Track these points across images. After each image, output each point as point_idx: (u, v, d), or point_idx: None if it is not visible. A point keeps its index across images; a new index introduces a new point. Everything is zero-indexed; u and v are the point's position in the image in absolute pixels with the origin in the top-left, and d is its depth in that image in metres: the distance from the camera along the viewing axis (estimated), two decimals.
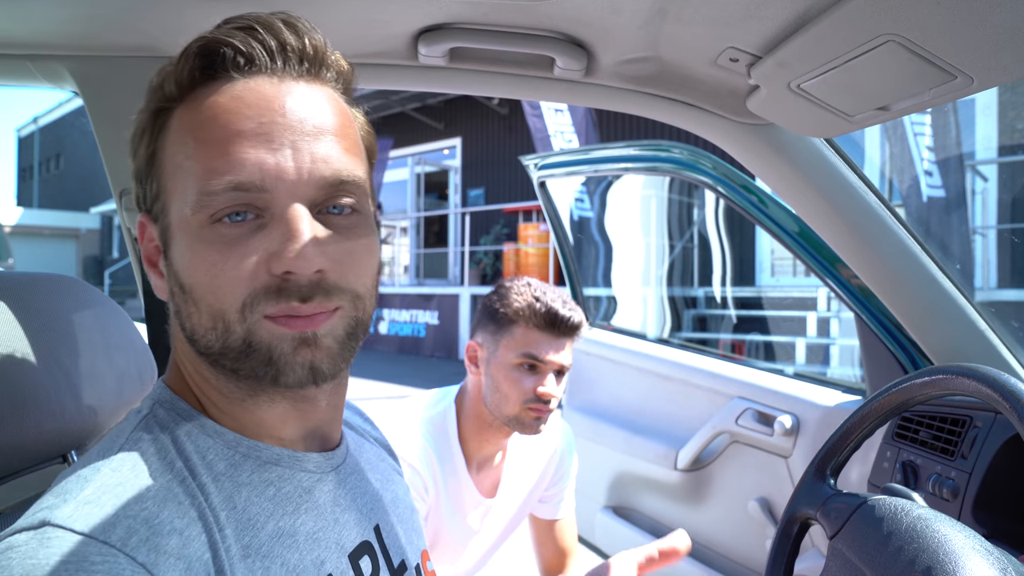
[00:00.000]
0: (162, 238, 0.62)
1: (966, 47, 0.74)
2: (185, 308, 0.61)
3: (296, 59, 0.62)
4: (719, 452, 2.00)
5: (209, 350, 0.61)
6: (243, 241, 0.57)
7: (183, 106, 0.61)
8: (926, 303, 1.34)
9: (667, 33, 0.97)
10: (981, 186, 7.56)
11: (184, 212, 0.58)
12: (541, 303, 1.53)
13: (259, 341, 0.58)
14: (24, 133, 35.29)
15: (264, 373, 0.59)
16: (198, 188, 0.57)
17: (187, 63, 0.60)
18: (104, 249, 27.73)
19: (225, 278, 0.57)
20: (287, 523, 0.62)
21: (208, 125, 0.58)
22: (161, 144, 0.61)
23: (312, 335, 0.59)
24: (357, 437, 0.84)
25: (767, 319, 8.51)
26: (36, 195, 33.59)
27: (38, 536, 0.51)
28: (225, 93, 0.59)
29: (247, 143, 0.57)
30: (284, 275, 0.57)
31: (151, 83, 0.63)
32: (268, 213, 0.58)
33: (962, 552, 0.77)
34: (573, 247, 2.71)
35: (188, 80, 0.60)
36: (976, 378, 0.84)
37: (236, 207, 0.57)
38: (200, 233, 0.58)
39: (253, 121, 0.58)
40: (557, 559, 1.82)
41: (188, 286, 0.59)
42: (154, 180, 0.62)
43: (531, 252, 11.76)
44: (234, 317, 0.58)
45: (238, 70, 0.60)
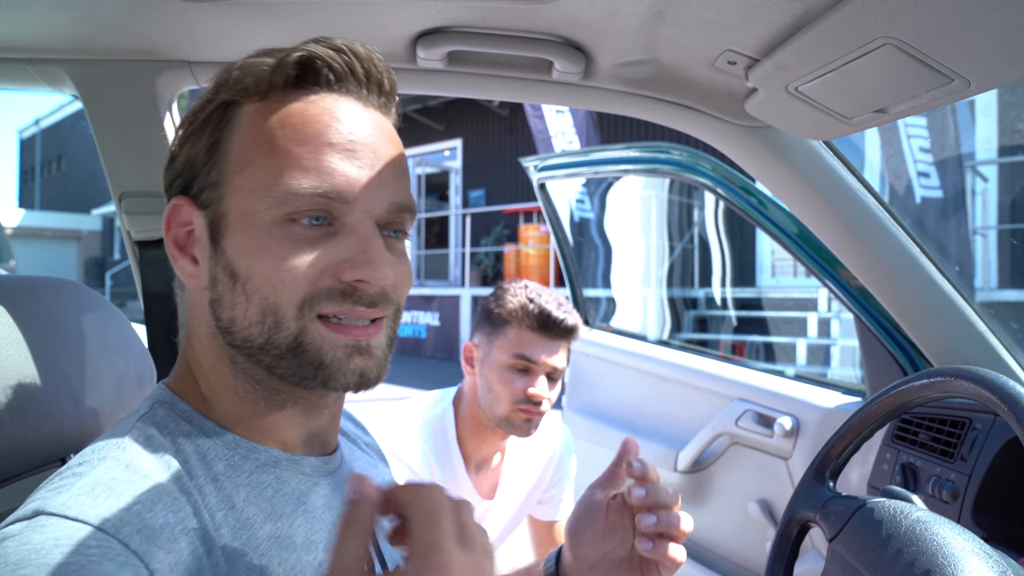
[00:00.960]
0: (212, 226, 0.63)
1: (963, 50, 0.74)
2: (230, 298, 0.62)
3: (376, 89, 0.66)
4: (719, 454, 2.00)
5: (248, 343, 0.62)
6: (316, 243, 0.61)
7: (261, 104, 0.63)
8: (925, 304, 1.34)
9: (665, 36, 0.97)
10: (981, 187, 7.56)
11: (255, 205, 0.61)
12: (535, 304, 1.53)
13: (310, 342, 0.61)
14: (26, 135, 35.33)
15: (313, 375, 0.62)
16: (282, 186, 0.60)
17: (283, 68, 0.62)
18: (105, 251, 27.74)
19: (291, 273, 0.60)
20: (284, 524, 0.63)
21: (298, 130, 0.61)
22: (227, 135, 0.63)
23: (366, 344, 0.63)
24: (349, 444, 0.85)
25: (767, 320, 8.50)
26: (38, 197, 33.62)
27: (32, 524, 0.51)
28: (316, 104, 0.62)
29: (336, 155, 0.61)
30: (355, 283, 0.61)
31: (224, 76, 0.65)
32: (339, 223, 0.62)
33: (961, 555, 0.77)
34: (573, 248, 2.71)
35: (281, 83, 0.63)
36: (974, 380, 0.85)
37: (316, 211, 0.60)
38: (270, 228, 0.60)
39: (343, 136, 0.62)
40: None
41: (244, 276, 0.61)
42: (213, 169, 0.63)
43: (532, 253, 11.76)
44: (290, 313, 0.61)
45: (327, 86, 0.64)
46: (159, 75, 1.17)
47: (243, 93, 0.64)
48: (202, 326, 0.65)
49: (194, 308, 0.67)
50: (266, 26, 1.03)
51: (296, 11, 0.98)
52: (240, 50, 1.12)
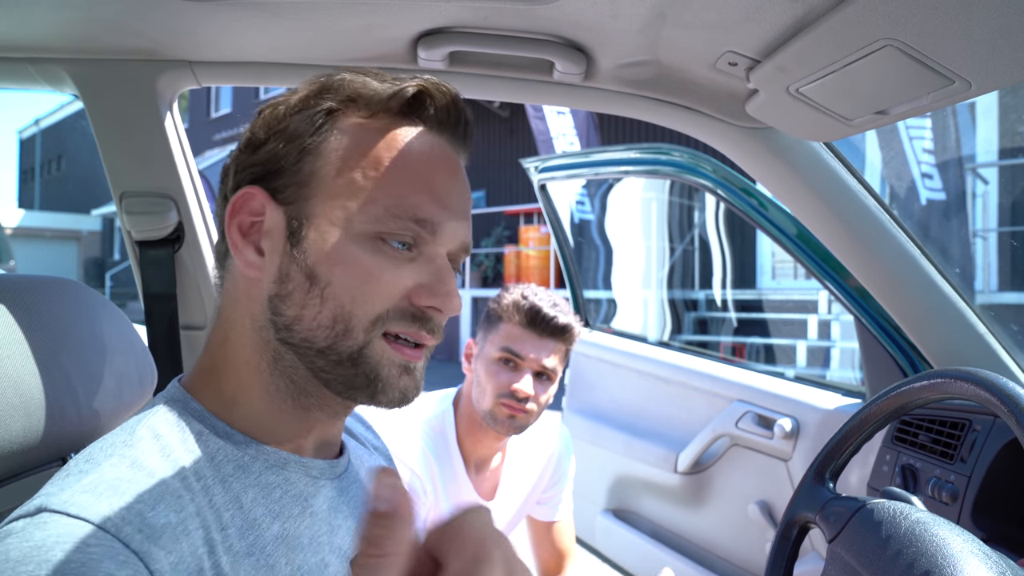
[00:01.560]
0: (292, 223, 0.65)
1: (963, 52, 0.74)
2: (302, 297, 0.64)
3: (463, 136, 0.70)
4: (719, 455, 2.00)
5: (307, 343, 0.64)
6: (399, 265, 0.64)
7: (369, 121, 0.66)
8: (925, 306, 1.34)
9: (666, 37, 0.97)
10: (982, 189, 7.56)
11: (349, 216, 0.63)
12: (527, 301, 1.54)
13: (371, 356, 0.64)
14: (26, 135, 35.33)
15: (365, 386, 0.65)
16: (383, 205, 0.63)
17: (400, 97, 0.66)
18: (105, 251, 27.73)
19: (374, 289, 0.63)
20: (292, 525, 0.63)
21: (405, 156, 0.65)
22: (325, 140, 0.65)
23: (413, 366, 0.67)
24: (358, 446, 0.85)
25: (768, 322, 8.50)
26: (37, 197, 33.62)
27: (34, 521, 0.51)
28: (420, 137, 0.66)
29: (432, 189, 0.65)
30: (428, 308, 0.65)
31: (324, 82, 0.67)
32: (418, 251, 0.65)
33: (960, 556, 0.77)
34: (574, 250, 2.71)
35: (395, 108, 0.66)
36: (974, 382, 0.85)
37: (406, 236, 0.64)
38: (360, 240, 0.63)
39: (442, 174, 0.66)
40: (555, 561, 1.82)
41: (324, 281, 0.63)
42: (305, 168, 0.65)
43: (532, 255, 11.76)
44: (363, 326, 0.63)
45: (429, 122, 0.67)
46: (160, 75, 1.17)
47: (350, 105, 0.66)
48: (246, 318, 0.66)
49: (239, 298, 0.67)
50: (267, 26, 1.03)
51: (297, 11, 0.98)
52: (241, 50, 1.13)
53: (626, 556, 2.26)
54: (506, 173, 13.25)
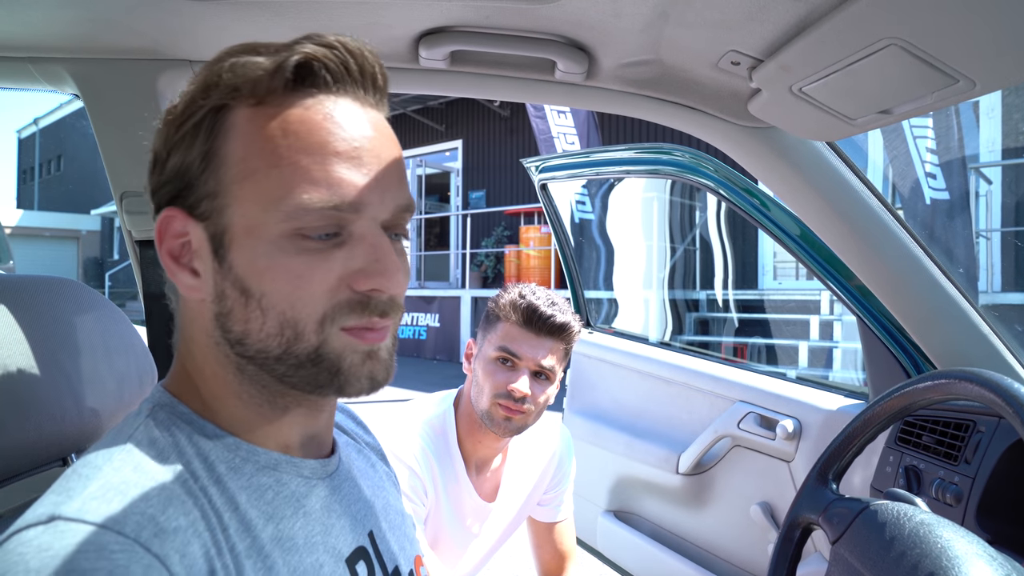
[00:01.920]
0: (215, 239, 0.61)
1: (968, 51, 0.74)
2: (242, 312, 0.61)
3: (371, 86, 0.64)
4: (721, 456, 2.00)
5: (263, 354, 0.61)
6: (327, 256, 0.60)
7: (258, 109, 0.60)
8: (928, 306, 1.33)
9: (668, 36, 0.97)
10: (985, 189, 7.56)
11: (262, 219, 0.59)
12: (524, 300, 1.53)
13: (331, 352, 0.61)
14: (24, 135, 35.35)
15: (329, 382, 0.62)
16: (292, 201, 0.58)
17: (281, 72, 0.60)
18: (104, 251, 27.76)
19: (308, 290, 0.59)
20: (286, 526, 0.63)
21: (303, 139, 0.59)
22: (223, 143, 0.60)
23: (376, 348, 0.63)
24: (350, 443, 0.85)
25: (769, 322, 8.50)
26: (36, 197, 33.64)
27: (50, 530, 0.50)
28: (315, 110, 0.60)
29: (343, 164, 0.59)
30: (369, 292, 0.61)
31: (207, 77, 0.61)
32: (347, 232, 0.61)
33: (965, 558, 0.77)
34: (574, 250, 2.71)
35: (280, 88, 0.60)
36: (978, 382, 0.84)
37: (327, 227, 0.59)
38: (280, 243, 0.59)
39: (347, 143, 0.60)
40: (556, 562, 1.82)
41: (258, 293, 0.60)
42: (211, 179, 0.61)
43: (532, 255, 11.75)
44: (311, 328, 0.60)
45: (324, 87, 0.61)
46: (160, 74, 1.17)
47: (236, 96, 0.61)
48: (202, 335, 0.64)
49: (192, 318, 0.65)
50: (267, 25, 1.03)
51: (298, 10, 0.98)
52: None
53: (627, 557, 2.25)
54: (506, 173, 13.25)
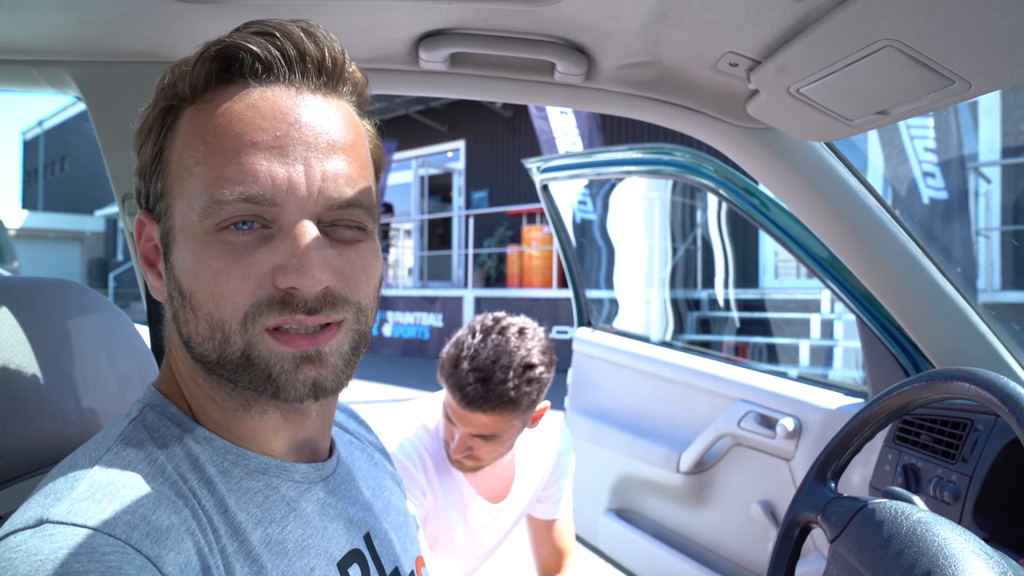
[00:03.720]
0: (163, 240, 0.61)
1: (963, 52, 0.74)
2: (183, 314, 0.60)
3: (315, 70, 0.61)
4: (721, 455, 2.00)
5: (205, 358, 0.60)
6: (249, 251, 0.57)
7: (195, 107, 0.59)
8: (927, 306, 1.34)
9: (667, 38, 0.97)
10: (984, 188, 7.55)
11: (190, 217, 0.58)
12: (455, 372, 1.40)
13: (258, 356, 0.58)
14: (29, 136, 35.39)
15: (264, 388, 0.59)
16: (208, 195, 0.56)
17: (204, 65, 0.59)
18: (108, 252, 27.78)
19: (228, 288, 0.57)
20: (275, 531, 0.62)
21: (222, 132, 0.57)
22: (168, 143, 0.60)
23: (316, 353, 0.59)
24: (351, 442, 0.84)
25: (770, 321, 8.49)
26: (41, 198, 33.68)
27: (39, 534, 0.50)
28: (241, 100, 0.58)
29: (261, 155, 0.57)
30: (289, 289, 0.57)
31: (162, 80, 0.62)
32: (275, 225, 0.58)
33: (962, 556, 0.77)
34: (576, 250, 2.71)
35: (203, 82, 0.59)
36: (975, 382, 0.85)
37: (244, 217, 0.57)
38: (205, 240, 0.57)
39: (268, 133, 0.57)
40: (554, 559, 1.83)
41: (188, 292, 0.59)
42: (159, 179, 0.61)
43: (535, 255, 11.75)
44: (235, 328, 0.58)
45: (255, 77, 0.59)
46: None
47: (179, 98, 0.60)
48: (175, 337, 0.64)
49: (168, 320, 0.65)
50: None
51: (298, 13, 0.98)
52: None
53: (628, 556, 2.26)
54: (508, 173, 13.24)
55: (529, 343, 1.44)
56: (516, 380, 1.40)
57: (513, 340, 1.43)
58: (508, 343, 1.42)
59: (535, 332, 1.48)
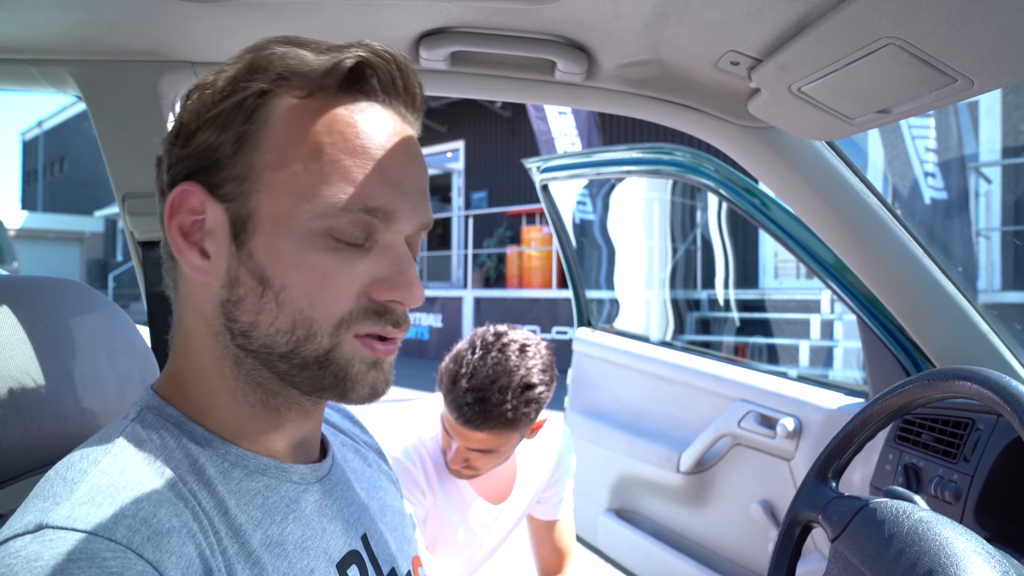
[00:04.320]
0: (236, 222, 0.60)
1: (966, 50, 0.74)
2: (255, 303, 0.59)
3: (412, 104, 0.65)
4: (722, 455, 2.00)
5: (267, 348, 0.60)
6: (354, 261, 0.59)
7: (305, 102, 0.60)
8: (928, 305, 1.33)
9: (668, 37, 0.97)
10: (985, 188, 7.55)
11: (293, 211, 0.58)
12: (457, 389, 1.39)
13: (340, 356, 0.60)
14: (28, 137, 35.39)
15: (333, 386, 0.61)
16: (328, 198, 0.58)
17: (336, 72, 0.60)
18: (108, 252, 27.77)
19: (332, 291, 0.59)
20: (275, 532, 0.61)
21: (347, 140, 0.59)
22: (260, 127, 0.59)
23: (383, 360, 0.63)
24: (345, 443, 0.84)
25: (770, 322, 8.49)
26: (40, 199, 33.68)
27: (38, 539, 0.49)
28: (364, 114, 0.60)
29: (382, 172, 0.59)
30: (389, 302, 0.61)
31: (253, 61, 0.60)
32: (372, 240, 0.60)
33: (963, 555, 0.77)
34: (576, 250, 2.71)
35: (333, 86, 0.60)
36: (976, 381, 0.84)
37: (358, 231, 0.59)
38: (309, 239, 0.58)
39: (391, 152, 0.60)
40: (555, 559, 1.82)
41: (277, 284, 0.59)
42: (242, 161, 0.60)
43: (534, 255, 11.76)
44: (326, 330, 0.59)
45: (372, 95, 0.62)
46: (162, 75, 1.17)
47: (282, 84, 0.60)
48: (201, 324, 0.63)
49: (193, 304, 0.63)
50: (268, 26, 1.03)
51: (299, 11, 0.98)
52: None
53: (628, 556, 2.26)
54: (508, 173, 13.25)
55: (529, 362, 1.42)
56: (514, 401, 1.39)
57: (513, 359, 1.40)
58: (508, 361, 1.40)
59: (536, 349, 1.45)
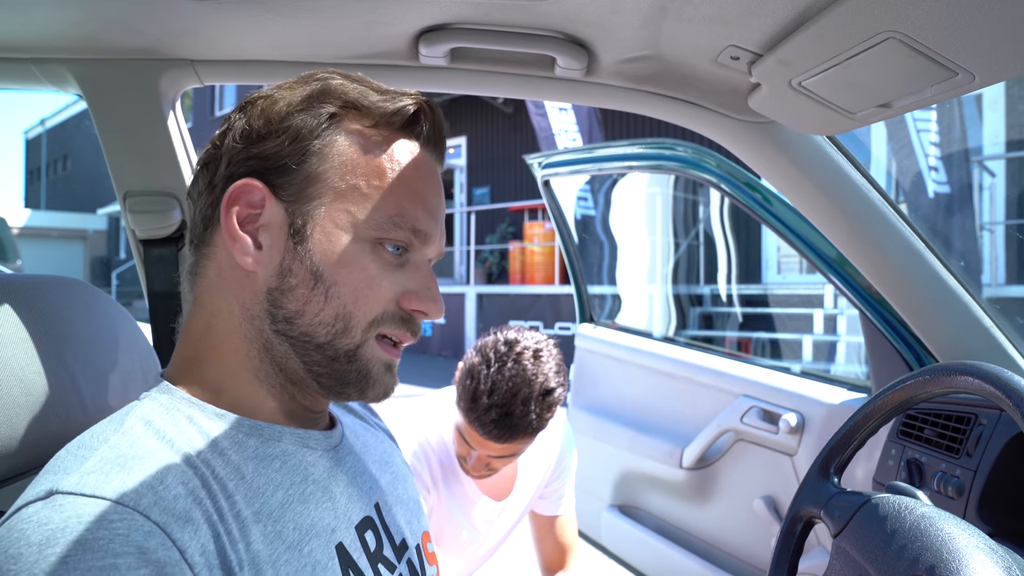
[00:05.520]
0: (295, 222, 0.67)
1: (967, 43, 0.74)
2: (305, 294, 0.66)
3: (442, 155, 0.76)
4: (724, 450, 2.00)
5: (306, 337, 0.67)
6: (394, 271, 0.68)
7: (371, 131, 0.69)
8: (930, 300, 1.33)
9: (668, 31, 0.97)
10: (989, 181, 7.52)
11: (354, 221, 0.66)
12: (479, 407, 1.39)
13: (364, 355, 0.68)
14: (31, 135, 35.44)
15: (354, 381, 0.69)
16: (387, 214, 0.67)
17: (401, 115, 0.70)
18: (111, 250, 27.82)
19: (374, 293, 0.67)
20: (296, 492, 0.65)
21: (405, 170, 0.69)
22: (328, 144, 0.67)
23: (394, 363, 0.72)
24: (356, 421, 0.87)
25: (773, 317, 8.48)
26: (43, 197, 33.73)
27: (49, 504, 0.52)
28: (416, 154, 0.71)
29: (426, 202, 0.70)
30: (415, 312, 0.70)
31: (323, 86, 0.69)
32: (406, 257, 0.70)
33: (965, 550, 0.77)
34: (578, 245, 2.71)
35: (397, 123, 0.70)
36: (979, 376, 0.84)
37: (402, 243, 0.68)
38: (363, 244, 0.67)
39: (432, 188, 0.71)
40: (557, 555, 1.83)
41: (330, 280, 0.66)
42: (310, 171, 0.67)
43: (537, 251, 11.75)
44: (360, 326, 0.67)
45: (418, 138, 0.72)
46: (163, 74, 1.17)
47: (351, 112, 0.68)
48: (235, 307, 0.68)
49: (226, 287, 0.68)
50: (269, 24, 1.03)
51: (298, 9, 0.98)
52: (243, 48, 1.13)
53: (631, 552, 2.26)
54: (510, 169, 13.24)
55: (544, 367, 1.43)
56: (537, 410, 1.40)
57: (529, 368, 1.41)
58: (525, 372, 1.41)
59: (549, 352, 1.46)
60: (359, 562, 0.67)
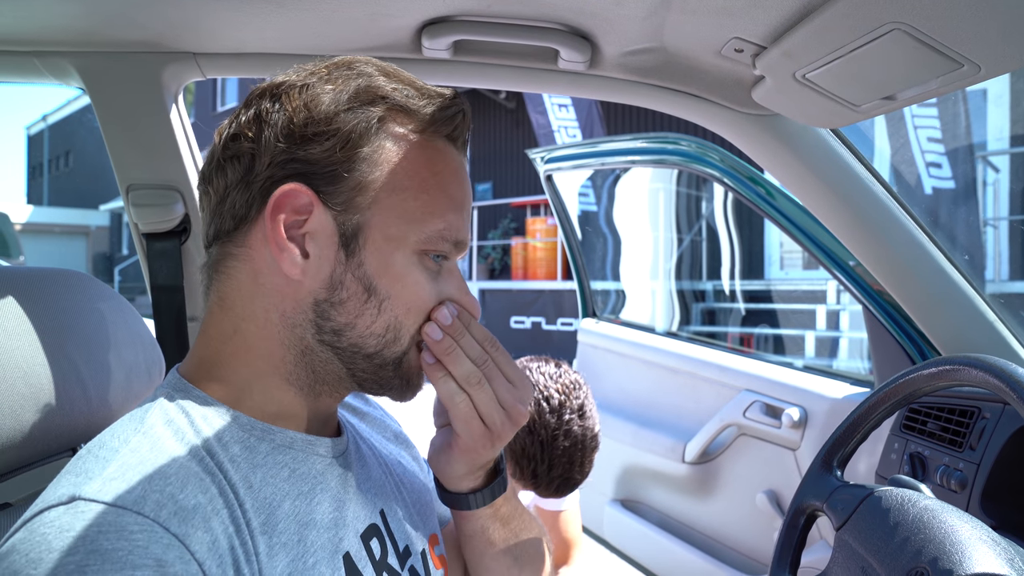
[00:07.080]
0: (346, 232, 0.65)
1: (972, 35, 0.73)
2: (357, 307, 0.65)
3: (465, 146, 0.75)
4: (727, 445, 2.00)
5: (355, 348, 0.66)
6: (434, 277, 0.69)
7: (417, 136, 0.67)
8: (934, 294, 1.33)
9: (671, 23, 0.96)
10: (993, 177, 7.50)
11: (404, 232, 0.66)
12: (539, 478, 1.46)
13: (408, 361, 0.69)
14: (33, 131, 35.45)
15: (398, 386, 0.70)
16: (434, 225, 0.67)
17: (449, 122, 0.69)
18: (114, 246, 27.84)
19: (423, 303, 0.68)
20: (303, 503, 0.64)
21: (446, 179, 0.69)
22: (378, 151, 0.65)
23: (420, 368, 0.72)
24: (357, 421, 0.87)
25: (776, 312, 8.47)
26: (46, 193, 33.76)
27: (71, 510, 0.52)
28: (452, 158, 0.70)
29: (463, 211, 0.70)
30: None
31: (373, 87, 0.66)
32: (442, 264, 0.70)
33: (968, 543, 0.77)
34: (581, 241, 2.71)
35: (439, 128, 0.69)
36: (983, 368, 0.84)
37: (445, 253, 0.69)
38: (411, 257, 0.67)
39: (467, 194, 0.72)
40: (561, 550, 1.83)
41: (384, 294, 0.66)
42: (359, 177, 0.65)
43: (539, 246, 11.74)
44: (408, 334, 0.68)
45: (454, 142, 0.71)
46: (165, 67, 1.17)
47: (398, 115, 0.67)
48: (272, 314, 0.66)
49: (262, 293, 0.66)
50: (271, 16, 1.03)
51: (301, 2, 0.98)
52: (245, 41, 1.13)
53: (634, 546, 2.26)
54: (512, 164, 13.22)
55: (589, 421, 1.46)
56: (591, 460, 1.48)
57: (577, 432, 1.44)
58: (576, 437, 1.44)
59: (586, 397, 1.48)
60: (364, 572, 0.67)
